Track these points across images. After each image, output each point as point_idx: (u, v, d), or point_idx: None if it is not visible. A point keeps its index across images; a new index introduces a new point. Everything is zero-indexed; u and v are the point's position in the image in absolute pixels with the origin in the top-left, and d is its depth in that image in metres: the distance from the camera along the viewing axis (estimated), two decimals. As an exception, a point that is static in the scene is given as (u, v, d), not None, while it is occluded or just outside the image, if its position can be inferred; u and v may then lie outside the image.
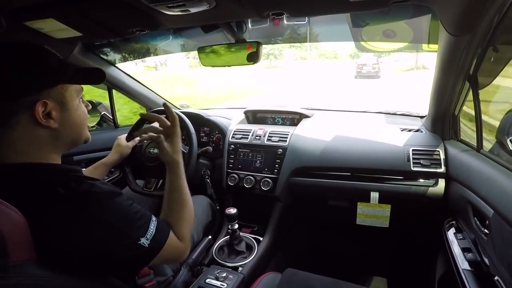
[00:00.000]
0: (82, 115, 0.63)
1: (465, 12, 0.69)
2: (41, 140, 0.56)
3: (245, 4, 0.75)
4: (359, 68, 15.09)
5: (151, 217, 0.62)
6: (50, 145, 0.58)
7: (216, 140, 1.50)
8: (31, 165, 0.54)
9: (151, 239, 0.58)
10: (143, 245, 0.57)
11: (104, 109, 1.65)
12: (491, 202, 0.73)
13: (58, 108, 0.57)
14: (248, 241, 1.18)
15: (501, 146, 0.87)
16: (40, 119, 0.54)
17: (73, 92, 0.60)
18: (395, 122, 1.39)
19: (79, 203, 0.52)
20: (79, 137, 0.64)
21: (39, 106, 0.53)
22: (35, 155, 0.55)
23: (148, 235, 0.58)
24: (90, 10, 0.82)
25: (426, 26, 0.96)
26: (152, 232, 0.59)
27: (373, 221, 1.20)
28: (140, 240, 0.57)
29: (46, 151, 0.57)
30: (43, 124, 0.55)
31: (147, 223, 0.60)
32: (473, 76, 0.88)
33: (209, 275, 0.95)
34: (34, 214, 0.48)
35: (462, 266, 0.80)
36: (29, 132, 0.54)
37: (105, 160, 1.08)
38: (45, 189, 0.52)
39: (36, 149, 0.56)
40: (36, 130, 0.55)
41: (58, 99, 0.57)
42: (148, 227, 0.59)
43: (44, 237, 0.49)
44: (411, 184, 1.11)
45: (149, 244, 0.58)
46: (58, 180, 0.53)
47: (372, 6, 0.75)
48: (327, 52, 31.94)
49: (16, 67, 0.52)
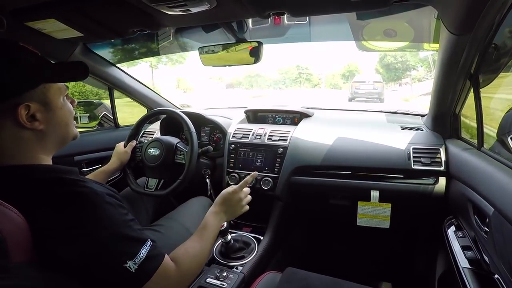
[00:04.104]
0: (67, 114, 0.61)
1: (466, 11, 0.69)
2: (28, 142, 0.54)
3: (246, 4, 0.75)
4: (355, 87, 11.12)
5: (146, 240, 0.57)
6: (38, 147, 0.56)
7: (217, 140, 1.50)
8: (21, 167, 0.53)
9: (139, 264, 0.53)
10: (129, 269, 0.51)
11: (105, 109, 1.65)
12: (491, 200, 0.73)
13: (42, 109, 0.54)
14: (249, 241, 1.18)
15: (502, 144, 0.88)
16: (24, 122, 0.52)
17: (56, 90, 0.58)
18: (396, 120, 1.39)
19: (71, 208, 0.50)
20: (66, 135, 0.62)
21: (22, 109, 0.51)
22: (24, 157, 0.54)
23: (137, 260, 0.52)
24: (91, 10, 0.82)
25: (427, 25, 0.97)
26: (142, 256, 0.53)
27: (373, 221, 1.19)
28: (127, 263, 0.51)
29: (35, 153, 0.56)
30: (27, 127, 0.53)
31: (139, 246, 0.54)
32: (474, 75, 0.88)
33: (209, 274, 0.95)
34: (31, 215, 0.48)
35: (462, 265, 0.80)
36: (14, 136, 0.53)
37: (106, 167, 1.08)
38: (40, 191, 0.50)
39: (24, 151, 0.54)
40: (22, 133, 0.53)
41: (41, 100, 0.54)
42: (139, 250, 0.54)
43: (41, 238, 0.48)
44: (412, 183, 1.11)
45: (136, 270, 0.52)
46: (49, 182, 0.52)
47: (373, 6, 0.75)
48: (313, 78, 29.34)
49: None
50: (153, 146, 1.14)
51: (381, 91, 10.85)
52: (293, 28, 1.17)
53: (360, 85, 11.11)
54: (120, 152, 1.14)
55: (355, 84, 11.34)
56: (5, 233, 0.43)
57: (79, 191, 0.52)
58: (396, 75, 21.03)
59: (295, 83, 29.06)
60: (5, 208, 0.45)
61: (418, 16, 0.95)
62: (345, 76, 27.41)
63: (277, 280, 0.84)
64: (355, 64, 27.52)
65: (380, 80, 11.49)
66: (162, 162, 1.11)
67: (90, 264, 0.50)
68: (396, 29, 1.00)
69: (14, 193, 0.49)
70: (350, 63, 28.24)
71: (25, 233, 0.47)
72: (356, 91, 11.08)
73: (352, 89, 11.29)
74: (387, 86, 18.93)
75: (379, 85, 10.93)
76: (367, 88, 10.91)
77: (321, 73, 30.77)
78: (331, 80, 29.08)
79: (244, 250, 1.13)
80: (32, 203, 0.49)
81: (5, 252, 0.42)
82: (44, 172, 0.55)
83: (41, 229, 0.48)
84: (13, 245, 0.44)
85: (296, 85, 28.62)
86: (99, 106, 1.65)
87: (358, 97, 11.00)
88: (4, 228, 0.43)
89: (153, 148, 1.14)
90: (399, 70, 20.92)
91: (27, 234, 0.47)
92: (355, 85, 11.26)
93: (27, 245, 0.47)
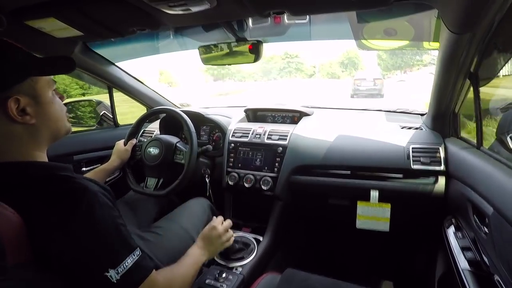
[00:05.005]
0: (58, 107, 0.61)
1: (466, 10, 0.68)
2: (20, 137, 0.54)
3: (246, 3, 0.75)
4: (357, 84, 11.94)
5: (135, 249, 0.54)
6: (31, 142, 0.56)
7: (216, 139, 1.50)
8: (15, 164, 0.53)
9: (122, 275, 0.49)
10: (109, 279, 0.48)
11: (104, 108, 1.65)
12: (491, 200, 0.73)
13: (31, 102, 0.54)
14: (248, 241, 1.18)
15: (501, 144, 0.88)
16: (15, 116, 0.52)
17: (45, 84, 0.58)
18: (395, 120, 1.39)
19: (60, 206, 0.50)
20: (59, 130, 0.62)
21: (11, 102, 0.51)
22: (18, 153, 0.54)
23: (120, 269, 0.49)
24: (91, 9, 0.81)
25: (427, 24, 0.96)
26: (126, 266, 0.50)
27: (373, 223, 1.18)
28: (109, 271, 0.48)
29: (29, 149, 0.56)
30: (18, 121, 0.53)
31: (125, 254, 0.52)
32: (474, 74, 0.88)
33: (208, 275, 0.95)
34: (26, 214, 0.48)
35: (462, 266, 0.80)
36: (5, 131, 0.53)
37: (106, 166, 1.08)
38: (33, 188, 0.50)
39: (17, 147, 0.54)
40: (13, 127, 0.53)
41: (30, 93, 0.55)
42: (124, 258, 0.51)
43: (34, 237, 0.48)
44: (411, 182, 1.11)
45: (118, 280, 0.49)
46: (43, 179, 0.52)
47: (373, 4, 0.75)
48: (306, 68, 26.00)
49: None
50: (153, 145, 1.14)
51: (380, 87, 11.68)
52: (293, 27, 1.17)
53: (361, 82, 11.91)
54: (120, 150, 1.13)
55: (356, 82, 12.12)
56: (2, 233, 0.43)
57: (72, 188, 0.52)
58: (404, 61, 17.62)
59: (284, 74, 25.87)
60: (2, 208, 0.45)
61: (418, 15, 0.94)
62: (343, 64, 25.03)
63: (277, 281, 0.84)
64: (354, 51, 24.59)
65: (380, 77, 12.34)
66: (161, 162, 1.11)
67: (74, 266, 0.49)
68: (396, 28, 1.00)
69: (9, 191, 0.49)
70: (349, 50, 24.99)
71: (21, 232, 0.47)
72: (357, 88, 11.87)
73: (354, 86, 12.06)
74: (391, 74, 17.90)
75: (379, 81, 11.80)
76: (367, 85, 11.70)
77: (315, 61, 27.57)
78: (328, 69, 26.52)
79: (244, 251, 1.13)
80: (26, 201, 0.49)
81: (3, 253, 0.42)
82: (38, 169, 0.55)
83: (35, 227, 0.48)
84: (10, 245, 0.44)
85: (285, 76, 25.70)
86: (99, 105, 1.65)
87: (359, 93, 11.77)
88: (1, 228, 0.43)
89: (153, 147, 1.14)
90: (407, 55, 17.67)
91: (23, 233, 0.47)
92: (357, 82, 12.06)
93: (24, 244, 0.47)
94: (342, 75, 23.39)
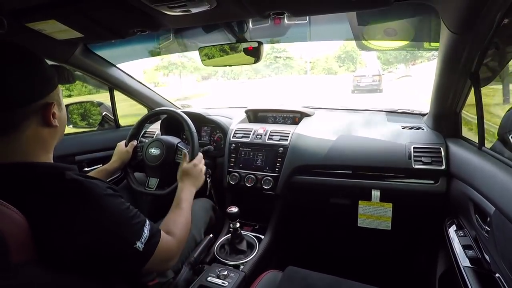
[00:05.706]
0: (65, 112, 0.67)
1: (466, 10, 0.69)
2: (44, 139, 0.58)
3: (246, 4, 0.75)
4: (357, 80, 12.76)
5: (145, 220, 0.63)
6: (48, 143, 0.60)
7: (217, 139, 1.50)
8: (29, 164, 0.55)
9: (145, 243, 0.59)
10: (138, 249, 0.58)
11: (105, 110, 1.65)
12: (492, 199, 0.73)
13: (57, 108, 0.60)
14: (250, 240, 1.19)
15: (503, 143, 0.87)
16: (52, 120, 0.57)
17: (60, 91, 0.63)
18: (397, 120, 1.39)
19: (75, 203, 0.53)
20: (64, 132, 0.67)
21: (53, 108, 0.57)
22: (36, 154, 0.57)
23: (143, 239, 0.59)
24: (92, 11, 0.82)
25: (428, 24, 0.96)
26: (146, 236, 0.60)
27: (374, 222, 1.18)
28: (136, 244, 0.58)
29: (45, 150, 0.59)
30: (52, 124, 0.57)
31: (142, 227, 0.61)
32: (474, 74, 0.87)
33: (210, 273, 0.95)
34: (33, 214, 0.49)
35: (463, 264, 0.80)
36: (36, 133, 0.56)
37: (107, 166, 1.09)
38: (42, 188, 0.52)
39: (38, 149, 0.57)
40: (42, 131, 0.57)
41: (57, 100, 0.60)
42: (143, 231, 0.61)
43: (43, 236, 0.49)
44: (413, 182, 1.11)
45: (143, 248, 0.59)
46: (55, 179, 0.54)
47: (374, 5, 0.75)
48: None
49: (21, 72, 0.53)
50: (154, 146, 1.15)
51: (379, 83, 12.57)
52: (293, 28, 1.17)
53: (361, 79, 12.76)
54: (121, 151, 1.14)
55: (356, 78, 12.95)
56: (6, 232, 0.43)
57: (81, 185, 0.54)
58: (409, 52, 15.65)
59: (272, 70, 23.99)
60: (4, 208, 0.45)
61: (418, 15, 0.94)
62: (341, 59, 23.63)
63: (278, 279, 0.85)
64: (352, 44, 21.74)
65: (379, 74, 13.07)
66: (162, 162, 1.11)
67: (101, 252, 0.54)
68: (396, 28, 1.00)
69: (16, 190, 0.50)
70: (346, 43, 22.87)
71: (25, 231, 0.47)
72: (357, 84, 12.73)
73: (354, 82, 12.88)
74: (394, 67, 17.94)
75: (378, 78, 12.66)
76: (367, 81, 12.58)
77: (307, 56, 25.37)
78: (324, 64, 25.11)
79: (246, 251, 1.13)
80: (34, 200, 0.50)
81: (7, 252, 0.43)
82: (47, 169, 0.57)
83: (43, 226, 0.49)
84: (14, 244, 0.44)
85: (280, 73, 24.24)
86: (100, 106, 1.65)
87: (359, 89, 12.65)
88: (4, 227, 0.43)
89: (154, 148, 1.14)
90: (409, 48, 16.93)
91: (27, 233, 0.47)
92: (357, 79, 12.89)
93: (28, 243, 0.48)
94: (339, 71, 22.08)
